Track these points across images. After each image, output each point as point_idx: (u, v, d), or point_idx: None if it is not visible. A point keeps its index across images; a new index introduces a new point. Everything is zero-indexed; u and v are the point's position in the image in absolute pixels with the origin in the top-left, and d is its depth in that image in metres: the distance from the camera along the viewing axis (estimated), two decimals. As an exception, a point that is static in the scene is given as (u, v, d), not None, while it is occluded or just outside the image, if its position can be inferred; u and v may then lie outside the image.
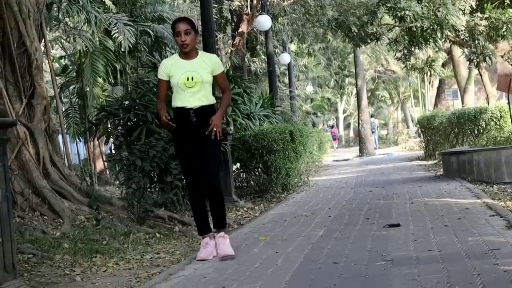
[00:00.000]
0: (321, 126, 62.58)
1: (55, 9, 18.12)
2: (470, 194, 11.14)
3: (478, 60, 18.78)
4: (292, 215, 10.26)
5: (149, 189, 10.35)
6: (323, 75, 51.01)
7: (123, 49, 19.17)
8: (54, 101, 15.32)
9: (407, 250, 6.43)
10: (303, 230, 8.50)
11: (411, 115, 59.67)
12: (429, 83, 47.61)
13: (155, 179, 10.81)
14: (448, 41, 20.14)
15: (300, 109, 38.28)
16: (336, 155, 38.71)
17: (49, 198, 9.25)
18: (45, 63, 12.18)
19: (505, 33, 18.10)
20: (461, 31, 18.65)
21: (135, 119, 10.87)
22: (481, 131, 17.91)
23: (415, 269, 5.47)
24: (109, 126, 12.55)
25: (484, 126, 17.83)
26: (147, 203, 9.36)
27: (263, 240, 7.89)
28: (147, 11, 20.66)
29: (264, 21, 21.53)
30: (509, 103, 15.19)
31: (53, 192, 9.41)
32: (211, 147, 6.67)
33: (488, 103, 21.84)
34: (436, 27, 17.95)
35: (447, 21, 17.59)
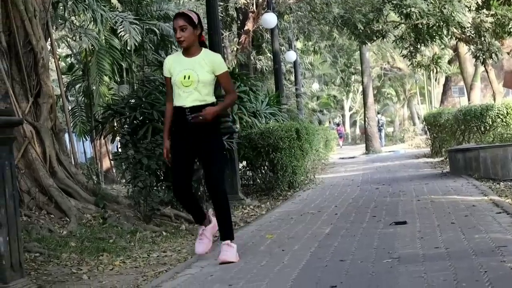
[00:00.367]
0: (327, 123, 62.54)
1: (61, 7, 18.15)
2: (476, 191, 11.12)
3: (484, 57, 18.77)
4: (298, 213, 10.26)
5: (155, 188, 10.36)
6: (329, 72, 51.01)
7: (129, 48, 19.20)
8: (60, 99, 15.32)
9: (413, 247, 6.42)
10: (310, 228, 8.49)
11: (417, 112, 59.58)
12: (435, 80, 47.53)
13: (161, 178, 10.81)
14: (454, 38, 20.12)
15: (306, 107, 38.27)
16: (342, 152, 38.69)
17: (55, 196, 9.27)
18: (51, 62, 12.19)
19: (511, 30, 18.07)
20: (467, 28, 18.63)
21: (141, 118, 10.87)
22: (488, 128, 17.87)
23: (421, 267, 5.46)
24: (115, 124, 12.56)
25: (490, 123, 17.79)
26: (153, 202, 9.38)
27: (269, 238, 7.89)
28: (153, 9, 20.69)
29: (269, 19, 21.52)
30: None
31: (60, 190, 9.42)
32: (212, 152, 6.46)
33: (494, 100, 21.82)
34: (442, 24, 17.94)
35: (453, 18, 17.58)
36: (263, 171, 13.85)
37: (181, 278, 5.96)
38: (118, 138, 12.38)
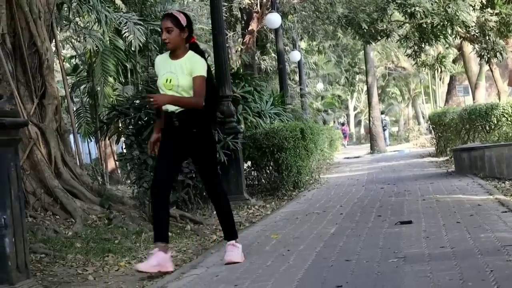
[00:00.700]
0: (332, 123, 62.53)
1: (66, 9, 18.17)
2: (482, 190, 11.10)
3: (489, 56, 18.74)
4: (303, 213, 10.26)
5: (160, 188, 10.35)
6: (334, 72, 51.00)
7: (133, 48, 19.22)
8: (65, 101, 15.36)
9: (419, 247, 6.42)
10: (315, 227, 8.49)
11: (422, 111, 59.51)
12: (440, 79, 47.48)
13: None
14: (458, 37, 20.10)
15: (310, 106, 38.21)
16: (347, 152, 38.67)
17: (61, 197, 9.28)
18: (56, 63, 12.21)
19: (516, 29, 18.06)
20: (472, 27, 18.61)
21: (146, 118, 10.89)
22: (493, 127, 17.83)
23: (427, 266, 5.46)
24: (120, 125, 12.58)
25: (495, 122, 17.75)
26: (158, 202, 9.36)
27: (274, 238, 7.89)
28: (157, 10, 20.69)
29: (274, 19, 21.53)
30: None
31: (65, 191, 9.43)
32: (202, 154, 6.33)
33: (499, 99, 21.78)
34: (446, 23, 17.93)
35: (457, 17, 17.56)
36: (268, 171, 13.84)
37: (186, 278, 5.96)
38: (123, 139, 12.40)
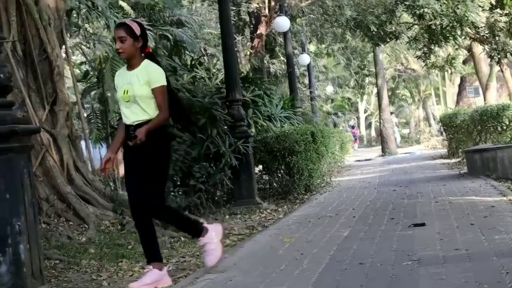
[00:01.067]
0: (342, 126, 62.44)
1: (75, 15, 18.22)
2: (495, 191, 11.06)
3: (499, 56, 18.69)
4: (316, 216, 10.24)
5: (172, 193, 10.37)
6: (343, 75, 50.90)
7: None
8: (76, 107, 15.40)
9: (433, 249, 6.40)
10: (328, 231, 8.48)
11: (432, 113, 59.36)
12: (450, 80, 47.35)
13: (178, 183, 10.83)
14: (468, 38, 20.06)
15: (320, 109, 38.21)
16: (358, 155, 38.59)
17: (74, 203, 9.30)
18: (66, 70, 12.23)
19: (526, 29, 18.01)
20: (481, 27, 18.57)
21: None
22: (505, 128, 17.77)
23: (442, 269, 5.44)
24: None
25: (507, 123, 17.69)
26: (171, 207, 9.37)
27: (287, 241, 7.88)
28: (166, 15, 20.71)
29: (282, 23, 21.53)
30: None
31: (78, 197, 9.45)
32: (147, 167, 5.97)
33: (510, 99, 21.73)
34: (455, 24, 17.90)
35: (466, 18, 17.53)
36: (279, 175, 13.82)
37: (200, 283, 5.96)
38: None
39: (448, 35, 18.81)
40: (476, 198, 10.44)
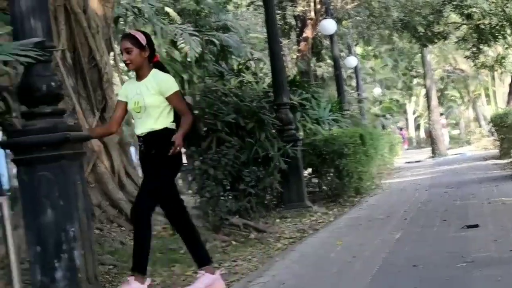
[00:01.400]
0: (390, 128, 62.01)
1: (122, 22, 18.39)
2: (549, 191, 10.89)
3: (549, 54, 18.41)
4: (367, 218, 10.18)
5: (222, 197, 10.39)
6: (390, 76, 50.62)
7: (189, 59, 19.35)
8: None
9: (487, 250, 6.32)
10: (379, 233, 8.42)
11: (482, 113, 58.61)
12: (500, 80, 46.71)
13: (228, 187, 10.84)
14: (518, 36, 19.78)
15: (368, 112, 38.01)
16: (407, 156, 38.27)
17: (125, 209, 9.35)
18: (114, 76, 12.35)
19: None
20: (531, 26, 18.31)
21: (205, 128, 10.93)
22: (558, 127, 17.48)
23: (497, 270, 5.37)
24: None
25: (560, 121, 17.41)
26: (221, 211, 9.41)
27: (339, 244, 7.84)
28: (211, 20, 20.81)
29: (328, 25, 21.47)
30: None
31: (129, 203, 9.50)
32: (152, 173, 5.94)
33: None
34: (505, 23, 17.69)
35: (516, 16, 17.30)
36: (329, 178, 13.77)
37: (253, 287, 5.96)
38: (183, 149, 12.45)
39: (497, 34, 18.58)
40: (530, 198, 10.29)
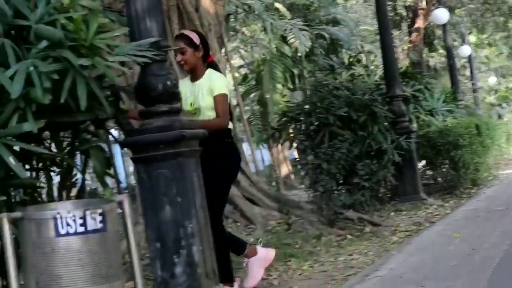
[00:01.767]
0: (507, 117, 60.30)
1: (232, 19, 18.59)
2: None
3: None
4: (485, 210, 9.95)
5: (336, 191, 10.35)
6: (506, 64, 49.20)
7: (299, 54, 19.38)
8: (237, 109, 15.70)
9: None
10: (499, 225, 8.21)
11: None
12: None
13: (341, 181, 10.79)
14: None
15: (483, 101, 37.04)
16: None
17: (241, 205, 9.48)
18: (226, 73, 12.50)
19: None
20: None
21: (317, 123, 10.91)
22: None
23: None
24: (290, 131, 12.68)
25: None
26: (335, 205, 9.38)
27: (457, 237, 7.70)
28: (321, 14, 20.76)
29: (440, 15, 21.06)
30: None
31: (244, 199, 9.62)
32: (216, 179, 5.77)
33: None
34: None
35: None
36: (444, 170, 13.52)
37: (370, 280, 5.93)
38: (294, 144, 12.48)
39: None
40: None
